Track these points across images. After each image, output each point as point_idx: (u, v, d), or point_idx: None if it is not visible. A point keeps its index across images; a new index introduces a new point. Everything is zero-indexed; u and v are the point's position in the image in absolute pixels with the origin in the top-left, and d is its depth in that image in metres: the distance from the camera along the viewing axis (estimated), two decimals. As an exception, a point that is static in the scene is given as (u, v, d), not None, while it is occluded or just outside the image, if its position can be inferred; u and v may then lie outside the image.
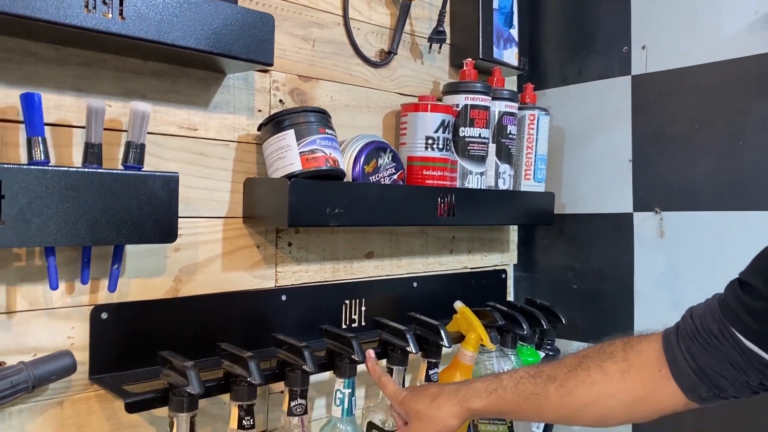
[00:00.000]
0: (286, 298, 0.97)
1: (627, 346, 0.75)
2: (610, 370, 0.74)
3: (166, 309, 0.84)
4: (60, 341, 0.76)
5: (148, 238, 0.75)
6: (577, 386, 0.75)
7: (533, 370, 0.80)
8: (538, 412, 0.79)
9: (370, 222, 0.96)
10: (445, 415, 0.81)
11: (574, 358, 0.78)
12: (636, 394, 0.73)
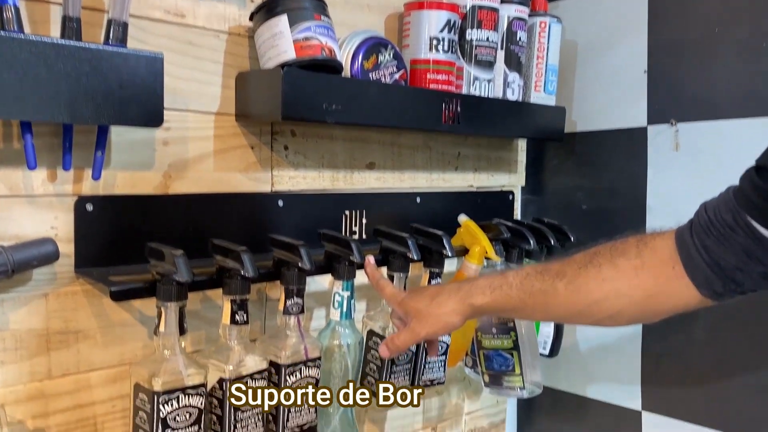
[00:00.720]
0: (283, 204, 0.93)
1: (641, 243, 0.72)
2: (622, 266, 0.71)
3: (155, 205, 0.80)
4: (43, 231, 0.73)
5: (132, 120, 0.71)
6: (587, 283, 0.72)
7: (541, 267, 0.77)
8: (544, 309, 0.76)
9: (369, 121, 0.91)
10: (447, 312, 0.78)
11: (584, 255, 0.75)
12: (648, 291, 0.70)
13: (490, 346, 1.07)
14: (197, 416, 0.71)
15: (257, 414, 0.78)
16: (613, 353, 1.24)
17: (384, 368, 0.92)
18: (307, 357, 0.82)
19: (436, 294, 0.80)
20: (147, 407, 0.69)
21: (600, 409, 1.25)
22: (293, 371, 0.80)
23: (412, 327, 0.81)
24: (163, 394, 0.69)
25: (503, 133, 1.14)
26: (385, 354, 0.83)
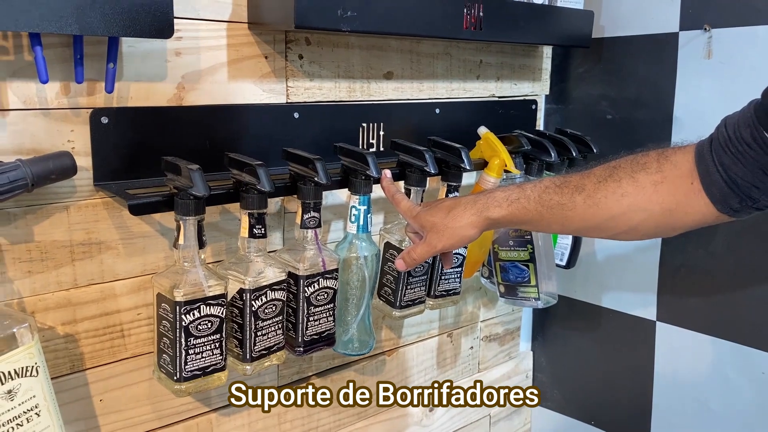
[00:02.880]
0: (299, 116, 0.92)
1: (661, 157, 0.71)
2: (642, 181, 0.70)
3: (169, 117, 0.80)
4: (60, 145, 0.73)
5: (142, 31, 0.69)
6: (606, 197, 0.72)
7: (559, 180, 0.76)
8: (562, 222, 0.76)
9: (386, 29, 0.88)
10: (463, 225, 0.78)
11: (604, 168, 0.74)
12: (667, 206, 0.70)
13: (506, 258, 1.07)
14: (218, 325, 0.74)
15: (278, 322, 0.80)
16: (630, 264, 1.24)
17: (400, 279, 0.94)
18: (324, 269, 0.83)
19: (452, 207, 0.80)
20: (170, 316, 0.72)
21: (614, 319, 1.28)
22: (311, 282, 0.82)
23: (429, 240, 0.81)
24: (184, 305, 0.71)
25: (528, 39, 1.09)
26: (402, 267, 0.84)
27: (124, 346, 0.82)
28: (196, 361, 0.73)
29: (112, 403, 0.82)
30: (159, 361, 0.75)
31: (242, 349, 0.78)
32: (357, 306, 0.91)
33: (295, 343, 0.84)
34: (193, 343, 0.72)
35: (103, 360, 0.81)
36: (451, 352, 1.25)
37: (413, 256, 0.83)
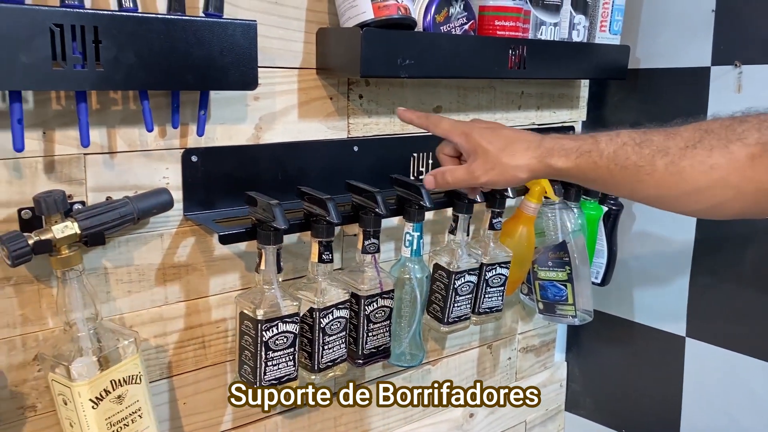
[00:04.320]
0: (358, 149, 1.02)
1: (764, 126, 0.61)
2: (737, 153, 0.61)
3: (249, 154, 0.90)
4: (156, 180, 0.83)
5: (231, 84, 0.80)
6: (692, 166, 0.63)
7: (639, 136, 0.67)
8: (634, 187, 0.67)
9: (439, 74, 0.97)
10: (519, 165, 0.70)
11: (694, 130, 0.65)
12: (763, 186, 0.60)
13: (545, 277, 1.16)
14: (293, 340, 0.84)
15: (341, 337, 0.90)
16: (661, 282, 1.31)
17: (448, 298, 1.03)
18: (382, 290, 0.93)
19: (512, 140, 0.71)
20: (252, 333, 0.82)
21: (645, 333, 1.35)
22: (370, 302, 0.92)
23: (473, 168, 0.72)
24: (265, 323, 0.81)
25: (567, 75, 1.17)
26: (431, 185, 0.77)
27: (205, 356, 0.93)
28: (273, 371, 0.83)
29: (193, 406, 0.93)
30: (240, 371, 0.86)
31: (311, 361, 0.88)
32: (409, 322, 1.00)
33: (356, 355, 0.93)
34: (271, 356, 0.82)
35: (187, 368, 0.91)
36: (490, 363, 1.34)
37: (448, 179, 0.75)
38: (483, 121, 0.78)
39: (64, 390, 0.73)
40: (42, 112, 0.73)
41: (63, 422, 0.76)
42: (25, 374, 0.78)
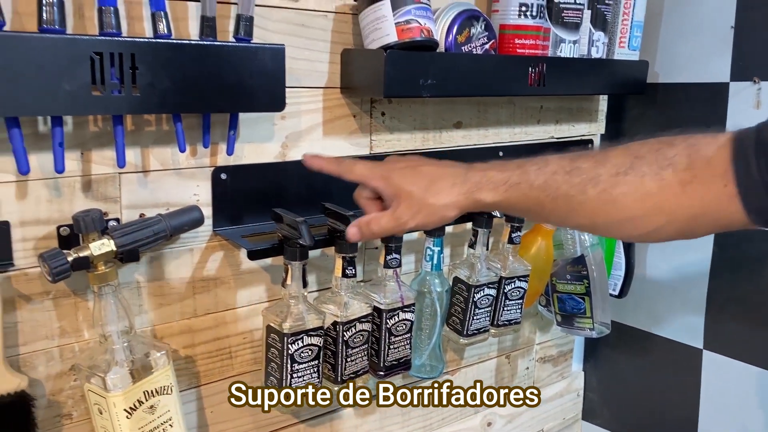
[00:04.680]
0: (380, 164, 1.04)
1: (692, 150, 0.61)
2: (668, 180, 0.61)
3: (275, 171, 0.93)
4: (187, 198, 0.86)
5: (259, 107, 0.83)
6: (625, 195, 0.62)
7: (569, 163, 0.66)
8: (566, 216, 0.66)
9: (460, 92, 0.99)
10: (446, 204, 0.68)
11: (624, 156, 0.64)
12: (694, 211, 0.61)
13: (563, 290, 1.18)
14: (317, 352, 0.87)
15: (363, 350, 0.93)
16: (678, 294, 1.32)
17: (467, 310, 1.05)
18: (403, 303, 0.95)
19: (435, 177, 0.69)
20: (278, 345, 0.85)
21: (662, 345, 1.36)
22: (392, 315, 0.94)
23: (398, 213, 0.69)
24: (291, 336, 0.84)
25: (586, 90, 1.19)
26: (356, 237, 0.73)
27: (231, 366, 0.96)
28: (298, 382, 0.86)
29: (220, 415, 0.96)
30: (266, 382, 0.89)
31: (335, 372, 0.91)
32: (429, 335, 1.03)
33: (378, 367, 0.96)
34: (297, 368, 0.85)
35: (214, 378, 0.94)
36: (508, 373, 1.36)
37: (373, 229, 0.71)
38: (400, 159, 0.74)
39: (100, 400, 0.76)
40: (80, 134, 0.77)
41: (98, 430, 0.79)
42: (61, 384, 0.81)
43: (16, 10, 0.70)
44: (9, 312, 0.75)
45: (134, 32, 0.78)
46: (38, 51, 0.66)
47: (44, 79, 0.67)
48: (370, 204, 0.72)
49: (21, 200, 0.74)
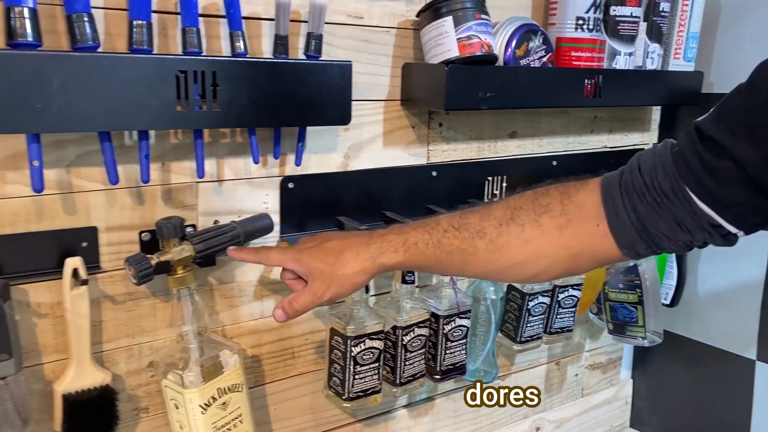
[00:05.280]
0: (436, 174, 1.07)
1: (564, 197, 0.68)
2: (546, 226, 0.67)
3: (338, 180, 0.97)
4: (257, 205, 0.91)
5: (327, 120, 0.87)
6: (509, 243, 0.69)
7: (457, 221, 0.73)
8: (462, 267, 0.73)
9: (518, 105, 1.02)
10: (354, 272, 0.74)
11: (505, 209, 0.71)
12: (573, 251, 0.67)
13: (615, 299, 1.19)
14: (378, 355, 0.90)
15: (421, 354, 0.96)
16: (732, 304, 1.32)
17: (521, 318, 1.07)
18: (459, 310, 0.98)
19: (341, 250, 0.75)
20: (341, 347, 0.89)
21: (713, 355, 1.35)
22: (449, 321, 0.97)
23: (314, 289, 0.75)
24: (354, 339, 0.87)
25: (641, 102, 1.20)
26: (281, 318, 0.77)
27: (294, 366, 1.00)
28: (360, 384, 0.90)
29: (282, 412, 1.00)
30: (329, 382, 0.93)
31: (394, 375, 0.94)
32: (484, 341, 1.05)
33: (434, 371, 0.99)
34: (359, 370, 0.89)
35: (278, 376, 0.99)
36: (557, 379, 1.38)
37: (296, 307, 0.76)
38: (309, 239, 0.81)
39: (177, 396, 0.81)
40: (161, 146, 0.82)
41: (173, 424, 0.84)
42: (139, 379, 0.87)
43: (108, 32, 0.76)
44: (95, 311, 0.81)
45: (212, 50, 0.82)
46: (129, 70, 0.71)
47: (134, 96, 0.72)
48: (294, 283, 0.78)
49: (108, 207, 0.80)
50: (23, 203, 0.75)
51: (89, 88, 0.69)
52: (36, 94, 0.66)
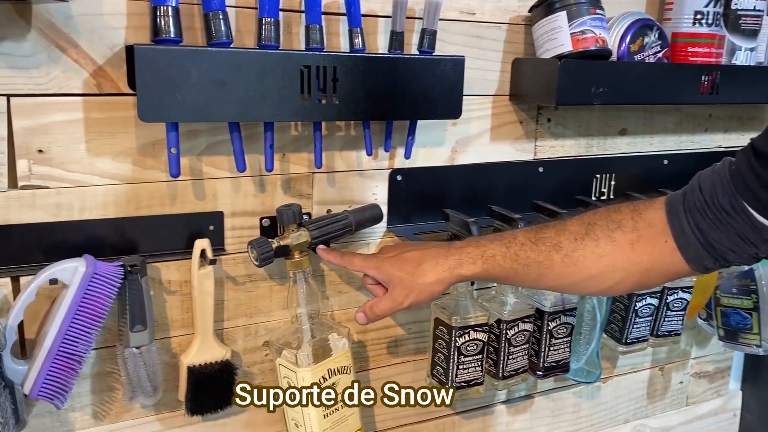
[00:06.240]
0: (543, 170, 1.07)
1: (635, 214, 0.71)
2: (619, 241, 0.70)
3: (445, 174, 0.99)
4: (367, 197, 0.94)
5: (438, 114, 0.89)
6: (584, 257, 0.72)
7: (533, 235, 0.75)
8: (537, 280, 0.76)
9: (631, 101, 1.00)
10: (433, 282, 0.77)
11: (579, 224, 0.73)
12: (644, 265, 0.70)
13: (728, 304, 1.14)
14: (481, 347, 0.91)
15: (524, 349, 0.96)
16: None
17: (627, 318, 1.05)
18: (564, 307, 0.97)
19: (421, 260, 0.78)
20: (446, 337, 0.90)
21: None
22: (554, 318, 0.97)
23: (394, 295, 0.79)
24: (458, 329, 0.89)
25: (762, 99, 1.14)
26: (362, 321, 0.81)
27: (396, 353, 1.03)
28: (463, 374, 0.91)
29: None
30: (432, 371, 0.95)
31: (496, 369, 0.95)
32: (588, 340, 1.04)
33: (537, 367, 0.99)
34: (462, 360, 0.90)
35: (381, 363, 1.02)
36: (661, 385, 1.33)
37: (376, 312, 0.80)
38: (390, 248, 0.85)
39: (290, 374, 0.86)
40: (281, 138, 0.86)
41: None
42: (255, 357, 0.92)
43: (238, 29, 0.81)
44: (218, 291, 0.87)
45: (331, 46, 0.86)
46: (259, 64, 0.76)
47: (262, 89, 0.76)
48: (375, 288, 0.82)
49: (233, 194, 0.85)
50: (159, 188, 0.81)
51: (222, 81, 0.74)
52: (176, 85, 0.72)
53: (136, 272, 0.77)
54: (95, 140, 0.77)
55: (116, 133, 0.78)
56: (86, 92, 0.75)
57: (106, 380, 0.83)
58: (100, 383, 0.83)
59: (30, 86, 0.72)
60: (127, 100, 0.77)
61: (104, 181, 0.78)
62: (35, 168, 0.74)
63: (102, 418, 0.84)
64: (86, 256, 0.74)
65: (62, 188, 0.76)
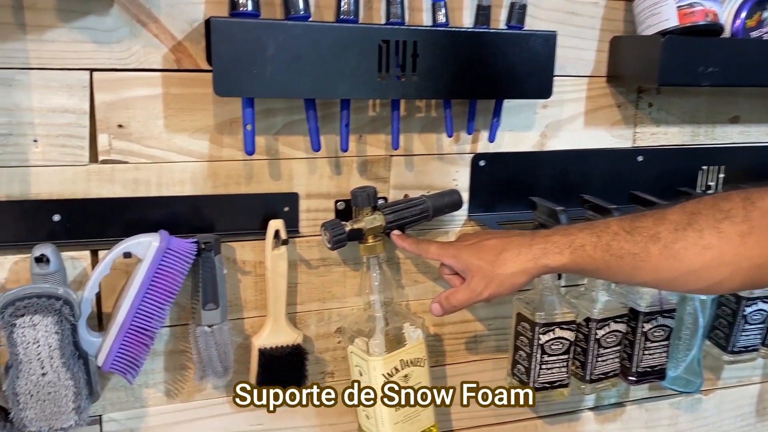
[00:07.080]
0: (642, 159, 0.98)
1: (747, 203, 0.62)
2: (727, 232, 0.62)
3: (533, 160, 0.92)
4: (447, 182, 0.90)
5: (526, 93, 0.83)
6: (686, 249, 0.64)
7: (629, 224, 0.68)
8: (631, 273, 0.68)
9: (745, 82, 0.90)
10: (515, 272, 0.71)
11: (681, 213, 0.65)
12: (756, 260, 0.61)
13: None
14: (567, 347, 0.85)
15: (616, 351, 0.88)
16: None
17: (735, 325, 0.95)
18: (662, 308, 0.89)
19: (502, 248, 0.72)
20: (528, 334, 0.84)
21: None
22: (650, 319, 0.89)
23: (472, 286, 0.73)
24: (542, 326, 0.83)
25: None
26: (438, 312, 0.77)
27: (475, 350, 0.97)
28: (547, 374, 0.85)
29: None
30: (513, 369, 0.89)
31: (583, 371, 0.88)
32: (688, 346, 0.95)
33: (629, 372, 0.91)
34: (546, 360, 0.84)
35: (458, 359, 0.97)
36: (773, 403, 1.20)
37: (452, 303, 0.75)
38: (469, 236, 0.79)
39: (361, 363, 0.82)
40: (358, 119, 0.83)
41: (356, 391, 0.86)
42: (327, 344, 0.90)
43: (317, 4, 0.79)
44: (291, 273, 0.85)
45: (413, 22, 0.82)
46: (335, 39, 0.73)
47: (339, 65, 0.74)
48: (452, 278, 0.78)
49: (308, 175, 0.83)
50: (235, 166, 0.80)
51: (299, 56, 0.72)
52: (253, 60, 0.71)
53: (209, 249, 0.76)
54: (173, 116, 0.76)
55: (194, 109, 0.77)
56: (165, 68, 0.75)
57: (179, 359, 0.83)
58: (174, 361, 0.83)
59: (112, 61, 0.73)
60: (206, 77, 0.76)
61: (182, 158, 0.78)
62: (115, 143, 0.75)
63: (174, 396, 0.84)
64: (161, 232, 0.75)
65: (140, 164, 0.76)
